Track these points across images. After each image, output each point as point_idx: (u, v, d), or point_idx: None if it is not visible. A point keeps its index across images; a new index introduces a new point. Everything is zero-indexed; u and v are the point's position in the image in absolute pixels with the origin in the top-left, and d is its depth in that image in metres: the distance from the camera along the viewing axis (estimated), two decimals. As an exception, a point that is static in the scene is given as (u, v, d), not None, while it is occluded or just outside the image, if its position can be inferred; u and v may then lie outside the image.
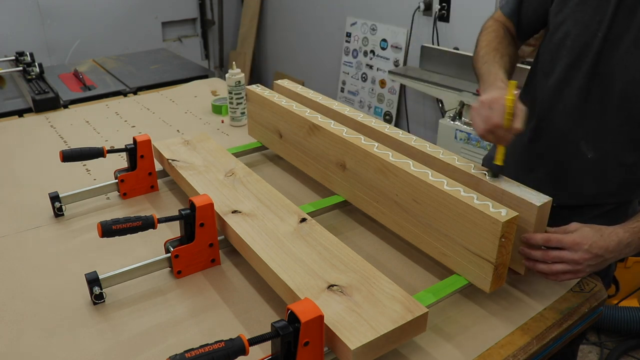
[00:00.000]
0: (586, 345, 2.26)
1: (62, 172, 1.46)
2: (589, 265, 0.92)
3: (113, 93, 2.15)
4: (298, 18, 4.35)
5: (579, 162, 1.14)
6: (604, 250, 0.92)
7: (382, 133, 1.19)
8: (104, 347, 0.89)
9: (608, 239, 0.93)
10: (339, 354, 0.80)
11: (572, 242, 0.91)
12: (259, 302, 0.99)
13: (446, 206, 0.95)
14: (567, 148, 1.15)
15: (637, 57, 1.01)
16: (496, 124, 0.94)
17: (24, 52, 2.28)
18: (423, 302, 0.88)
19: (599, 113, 1.09)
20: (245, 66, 4.64)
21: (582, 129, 1.12)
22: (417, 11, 3.23)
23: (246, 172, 1.26)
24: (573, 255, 0.91)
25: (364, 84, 3.80)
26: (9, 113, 1.93)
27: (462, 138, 2.63)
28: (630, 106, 1.05)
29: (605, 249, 0.92)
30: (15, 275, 1.06)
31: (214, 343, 0.71)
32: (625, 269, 2.28)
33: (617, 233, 0.94)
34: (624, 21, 1.02)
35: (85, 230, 1.20)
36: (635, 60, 1.01)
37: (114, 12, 4.08)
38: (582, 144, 1.13)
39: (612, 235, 0.93)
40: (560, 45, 1.12)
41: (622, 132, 1.08)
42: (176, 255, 1.03)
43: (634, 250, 0.96)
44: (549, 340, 0.92)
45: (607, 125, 1.09)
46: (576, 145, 1.14)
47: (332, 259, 0.96)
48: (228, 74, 1.75)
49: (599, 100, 1.08)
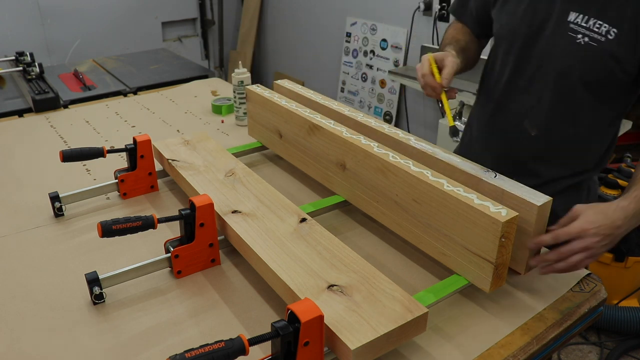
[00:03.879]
0: (586, 345, 2.26)
1: (62, 172, 1.46)
2: (602, 245, 0.94)
3: (113, 93, 2.15)
4: (298, 18, 4.35)
5: (527, 140, 1.26)
6: (612, 228, 0.93)
7: (382, 133, 1.20)
8: (104, 347, 0.89)
9: (613, 216, 0.94)
10: (339, 354, 0.80)
11: (579, 230, 0.92)
12: (259, 302, 0.99)
13: (446, 206, 0.95)
14: (515, 127, 1.27)
15: (561, 36, 1.14)
16: (423, 73, 1.18)
17: (24, 52, 2.28)
18: (423, 302, 0.88)
19: (534, 91, 1.22)
20: (246, 66, 4.64)
21: (522, 107, 1.25)
22: (417, 11, 3.24)
23: (246, 172, 1.26)
24: (583, 242, 0.92)
25: (364, 84, 3.81)
26: (9, 113, 1.93)
27: (462, 138, 2.63)
28: (560, 83, 1.17)
29: (612, 227, 0.93)
30: (15, 275, 1.06)
31: (214, 343, 0.71)
32: (625, 269, 2.28)
33: (622, 207, 0.95)
34: (546, 7, 1.16)
35: (85, 230, 1.20)
36: (560, 39, 1.14)
37: (114, 12, 4.08)
38: (525, 122, 1.25)
39: (616, 212, 0.94)
40: (499, 37, 1.29)
41: (558, 109, 1.20)
42: (176, 255, 1.03)
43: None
44: (549, 340, 0.92)
45: (543, 103, 1.21)
46: (520, 124, 1.26)
47: (332, 259, 0.96)
48: (234, 73, 1.75)
49: (531, 79, 1.21)
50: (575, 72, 1.14)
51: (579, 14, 1.11)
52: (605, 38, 1.09)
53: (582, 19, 1.11)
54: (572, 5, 1.12)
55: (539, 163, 1.28)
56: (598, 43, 1.09)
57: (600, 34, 1.09)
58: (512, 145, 1.30)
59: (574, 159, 1.27)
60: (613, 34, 1.08)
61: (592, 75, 1.13)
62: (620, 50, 1.08)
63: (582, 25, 1.11)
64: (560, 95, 1.18)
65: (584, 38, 1.10)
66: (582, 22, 1.11)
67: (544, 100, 1.21)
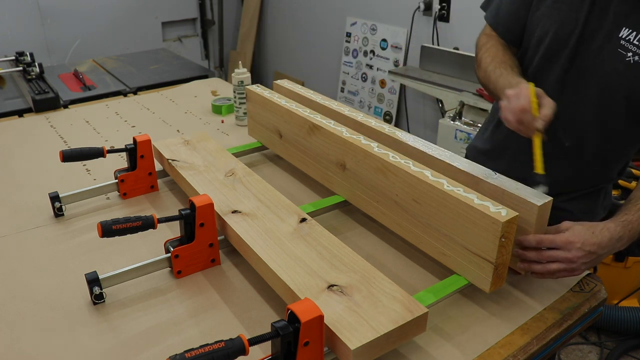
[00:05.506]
0: (586, 345, 2.26)
1: (62, 172, 1.46)
2: (583, 262, 0.93)
3: (113, 93, 2.15)
4: (298, 18, 4.35)
5: (557, 151, 1.19)
6: (597, 247, 0.92)
7: (382, 133, 1.19)
8: (103, 347, 0.89)
9: (600, 235, 0.93)
10: (339, 354, 0.80)
11: (564, 241, 0.92)
12: (259, 302, 0.99)
13: (446, 206, 0.95)
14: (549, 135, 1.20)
15: (610, 52, 1.08)
16: (523, 108, 1.00)
17: (24, 52, 2.28)
18: (423, 302, 0.88)
19: (575, 104, 1.16)
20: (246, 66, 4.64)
21: (559, 119, 1.15)
22: (417, 11, 3.24)
23: (246, 172, 1.26)
24: (567, 254, 0.92)
25: (364, 84, 3.81)
26: (9, 113, 1.93)
27: (462, 138, 2.63)
28: (605, 98, 1.12)
29: (597, 245, 0.92)
30: (15, 275, 1.06)
31: (214, 343, 0.71)
32: (625, 269, 2.28)
33: (609, 228, 0.94)
34: (597, 19, 1.09)
35: (85, 230, 1.20)
36: (608, 55, 1.08)
37: (114, 12, 4.08)
38: (560, 132, 1.18)
39: (603, 231, 0.94)
40: (539, 42, 1.19)
41: (596, 123, 1.15)
42: (176, 255, 1.03)
43: (626, 243, 0.97)
44: (549, 340, 0.92)
45: (584, 117, 1.16)
46: (554, 133, 1.18)
47: (332, 259, 0.96)
48: (234, 73, 1.75)
49: (575, 92, 1.15)
50: (622, 90, 1.09)
51: (632, 30, 1.05)
52: None
53: (634, 37, 1.05)
54: (625, 21, 1.06)
55: (565, 173, 1.23)
56: None
57: None
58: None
59: (599, 172, 1.25)
60: None
61: (638, 95, 1.08)
62: None
63: (634, 43, 1.05)
64: (601, 110, 1.13)
65: (635, 57, 1.05)
66: (634, 40, 1.05)
67: (583, 113, 1.16)
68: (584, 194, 1.28)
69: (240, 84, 1.75)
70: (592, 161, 1.22)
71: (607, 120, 1.14)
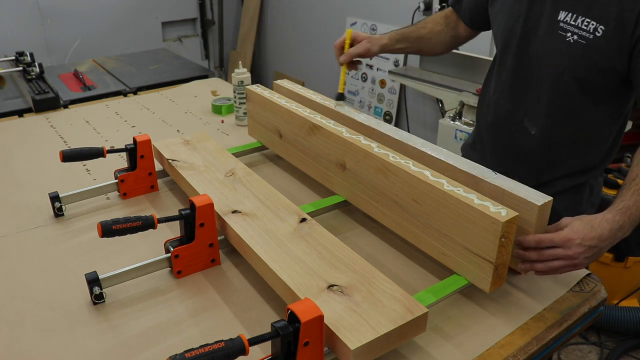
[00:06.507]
0: (586, 345, 2.26)
1: (62, 172, 1.46)
2: (586, 257, 0.93)
3: (113, 93, 2.15)
4: (298, 18, 4.35)
5: (528, 139, 1.27)
6: (597, 240, 0.92)
7: (382, 133, 1.19)
8: (103, 347, 0.89)
9: (599, 229, 0.93)
10: (339, 354, 0.80)
11: (563, 239, 0.91)
12: (259, 302, 0.99)
13: (446, 206, 0.95)
14: (516, 127, 1.29)
15: (553, 35, 1.16)
16: (337, 45, 1.36)
17: (24, 52, 2.28)
18: (423, 302, 0.88)
19: (532, 91, 1.23)
20: (246, 66, 4.64)
21: (522, 106, 1.27)
22: (417, 11, 3.23)
23: (246, 172, 1.26)
24: (567, 251, 0.92)
25: (364, 84, 3.80)
26: (9, 113, 1.93)
27: (462, 138, 2.63)
28: (556, 82, 1.18)
29: (597, 238, 0.92)
30: (15, 275, 1.06)
31: (214, 343, 0.71)
32: (625, 269, 2.28)
33: (607, 219, 0.94)
34: (538, 6, 1.18)
35: (85, 230, 1.20)
36: (552, 38, 1.16)
37: (114, 12, 4.08)
38: (525, 121, 1.27)
39: (602, 224, 0.93)
40: (496, 36, 1.31)
41: (555, 107, 1.21)
42: (176, 255, 1.03)
43: (629, 230, 0.96)
44: (549, 340, 0.92)
45: (541, 102, 1.22)
46: (521, 122, 1.28)
47: (332, 259, 0.96)
48: (234, 73, 1.75)
49: (531, 79, 1.23)
50: (568, 71, 1.15)
51: (568, 12, 1.13)
52: (593, 35, 1.09)
53: (571, 17, 1.12)
54: (561, 4, 1.14)
55: (540, 162, 1.29)
56: (586, 40, 1.10)
57: (588, 32, 1.10)
58: (514, 144, 1.31)
59: (574, 158, 1.27)
60: (600, 31, 1.09)
61: (582, 73, 1.14)
62: (608, 47, 1.09)
63: (571, 23, 1.12)
64: (556, 94, 1.20)
65: (573, 36, 1.12)
66: (571, 20, 1.13)
67: (541, 99, 1.22)
68: (566, 189, 1.29)
69: (240, 84, 1.75)
70: (562, 147, 1.26)
71: (564, 104, 1.20)
